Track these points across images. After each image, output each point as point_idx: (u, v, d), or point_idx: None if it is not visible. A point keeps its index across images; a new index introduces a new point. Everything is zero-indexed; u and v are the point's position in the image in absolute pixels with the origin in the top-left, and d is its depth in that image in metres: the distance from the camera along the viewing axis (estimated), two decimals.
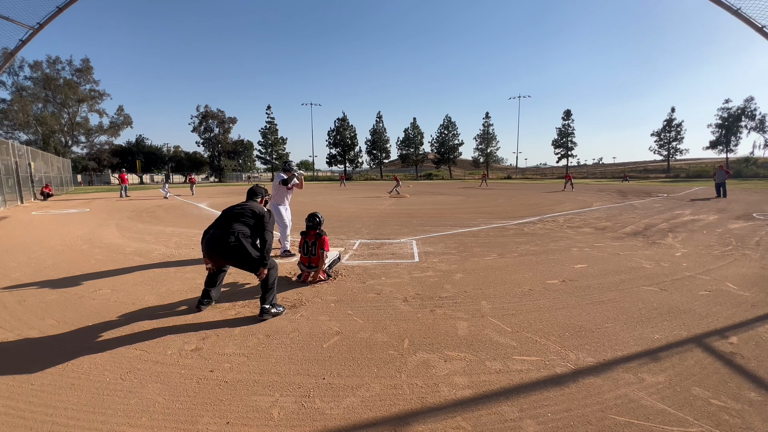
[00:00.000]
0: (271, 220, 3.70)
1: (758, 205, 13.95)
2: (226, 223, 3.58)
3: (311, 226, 4.63)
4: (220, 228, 3.54)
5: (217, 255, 3.51)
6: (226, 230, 3.50)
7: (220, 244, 3.45)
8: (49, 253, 6.58)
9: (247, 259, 3.47)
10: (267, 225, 3.63)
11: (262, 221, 3.63)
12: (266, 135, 69.63)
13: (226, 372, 2.61)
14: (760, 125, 52.73)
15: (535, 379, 2.50)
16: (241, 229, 3.53)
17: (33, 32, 7.25)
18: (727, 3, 5.44)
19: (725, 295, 4.12)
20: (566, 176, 27.11)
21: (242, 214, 3.64)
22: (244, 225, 3.58)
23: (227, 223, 3.57)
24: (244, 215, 3.63)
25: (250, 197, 4.02)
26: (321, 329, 3.31)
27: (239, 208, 3.70)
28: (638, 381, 2.45)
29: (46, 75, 48.47)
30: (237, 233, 3.48)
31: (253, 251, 3.49)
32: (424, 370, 2.62)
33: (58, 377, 2.57)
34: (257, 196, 4.06)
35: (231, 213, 3.66)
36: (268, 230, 3.64)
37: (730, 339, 3.05)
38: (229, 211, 3.70)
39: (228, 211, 3.72)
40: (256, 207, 3.74)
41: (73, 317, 3.64)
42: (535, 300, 3.99)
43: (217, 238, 3.48)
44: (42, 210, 14.91)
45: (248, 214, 3.64)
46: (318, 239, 4.55)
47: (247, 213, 3.65)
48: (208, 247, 3.52)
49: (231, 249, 3.44)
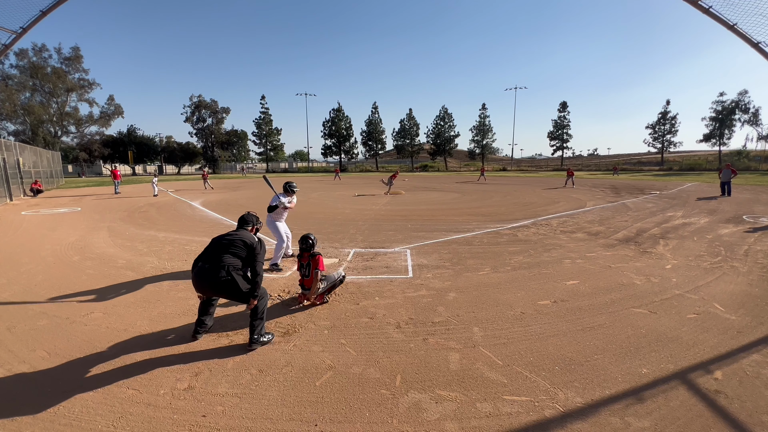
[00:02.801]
0: (262, 251, 3.66)
1: (749, 205, 14.12)
2: (215, 255, 3.53)
3: (304, 248, 4.61)
4: (210, 261, 3.49)
5: (207, 288, 3.49)
6: (216, 264, 3.46)
7: (210, 278, 3.42)
8: (40, 265, 6.51)
9: (238, 293, 3.46)
10: (258, 256, 3.59)
11: (253, 252, 3.59)
12: (260, 125, 68.82)
13: (218, 417, 2.63)
14: (753, 118, 53.02)
15: (524, 424, 2.55)
16: (232, 262, 3.50)
17: (16, 36, 7.02)
18: (723, 18, 5.40)
19: (712, 319, 4.19)
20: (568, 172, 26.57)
21: (232, 244, 3.60)
22: (235, 256, 3.54)
23: (217, 255, 3.52)
24: (234, 245, 3.59)
25: (241, 226, 3.95)
26: (314, 363, 3.32)
27: (229, 238, 3.65)
28: (624, 426, 2.51)
29: (32, 63, 47.18)
30: (228, 267, 3.45)
31: (243, 284, 3.47)
32: (415, 414, 2.65)
33: (49, 424, 2.56)
34: (248, 225, 3.97)
35: (220, 243, 3.62)
36: (259, 261, 3.61)
37: (715, 374, 3.11)
38: (218, 241, 3.66)
39: (218, 240, 3.67)
40: (247, 237, 3.68)
41: (65, 348, 3.62)
42: (527, 326, 4.04)
43: (207, 272, 3.44)
44: (32, 209, 14.70)
45: (239, 245, 3.59)
46: (312, 259, 4.54)
47: (238, 244, 3.60)
48: (198, 280, 3.48)
49: (221, 283, 3.42)
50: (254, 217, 4.08)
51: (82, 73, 51.83)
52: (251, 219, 4.03)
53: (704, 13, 5.75)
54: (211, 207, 15.38)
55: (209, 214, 13.19)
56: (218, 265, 3.44)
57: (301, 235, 4.71)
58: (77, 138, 55.36)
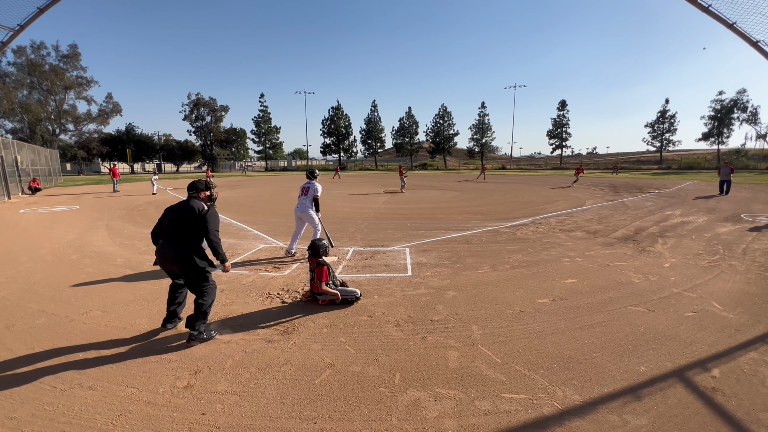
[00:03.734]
0: (213, 220, 3.64)
1: (747, 204, 14.16)
2: (171, 230, 3.62)
3: (311, 254, 4.60)
4: (169, 238, 3.62)
5: (172, 263, 3.63)
6: (173, 240, 3.59)
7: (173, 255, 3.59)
8: (38, 264, 6.50)
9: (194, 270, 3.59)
10: (209, 225, 3.59)
11: (204, 222, 3.58)
12: (259, 123, 68.76)
13: (218, 415, 2.63)
14: (752, 117, 53.10)
15: (522, 421, 2.56)
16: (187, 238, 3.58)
17: (14, 34, 6.99)
18: (723, 17, 5.40)
19: (710, 317, 4.21)
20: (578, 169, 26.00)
21: (184, 216, 3.61)
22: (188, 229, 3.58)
23: (173, 230, 3.61)
24: (185, 217, 3.60)
25: (190, 193, 3.83)
26: (313, 361, 3.33)
27: (180, 210, 3.66)
28: (622, 424, 2.52)
29: (30, 61, 46.97)
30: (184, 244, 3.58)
31: (199, 261, 3.60)
32: (414, 411, 2.66)
33: (48, 422, 2.57)
34: (196, 191, 3.83)
35: (174, 218, 3.65)
36: (212, 230, 3.60)
37: (712, 372, 3.13)
38: (172, 213, 3.69)
39: (171, 212, 3.71)
40: (196, 205, 3.65)
41: (63, 346, 3.61)
42: (525, 324, 4.05)
43: (168, 250, 3.60)
44: (30, 207, 14.67)
45: (188, 215, 3.60)
46: (317, 268, 4.50)
47: (188, 214, 3.60)
48: (159, 257, 3.67)
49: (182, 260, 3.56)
50: (203, 183, 3.92)
51: (80, 71, 51.66)
52: (200, 185, 3.88)
53: (703, 11, 5.75)
54: None
55: None
56: (175, 242, 3.58)
57: (311, 241, 4.70)
58: (75, 136, 55.21)
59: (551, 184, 27.18)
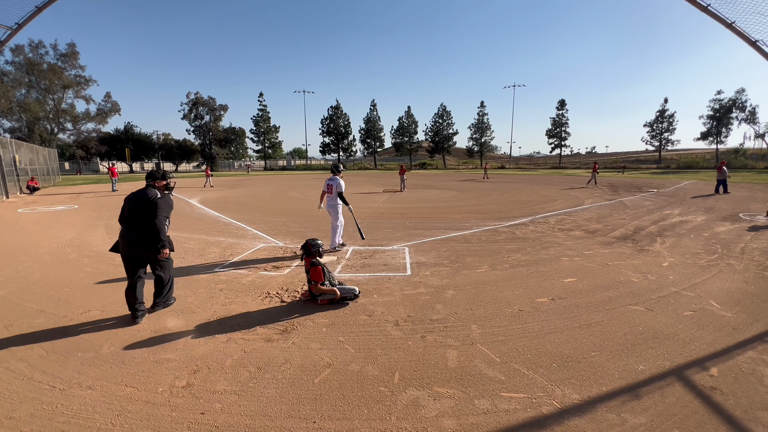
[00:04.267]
0: (164, 207, 4.01)
1: (745, 203, 14.20)
2: (131, 217, 4.02)
3: (304, 254, 4.58)
4: (129, 225, 4.02)
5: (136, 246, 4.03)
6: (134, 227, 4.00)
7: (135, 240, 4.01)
8: (37, 263, 6.49)
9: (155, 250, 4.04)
10: (159, 211, 3.94)
11: (154, 208, 3.95)
12: (258, 123, 68.69)
13: (217, 414, 2.63)
14: (750, 117, 53.18)
15: (522, 420, 2.56)
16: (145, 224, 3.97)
17: (12, 32, 6.97)
18: (722, 16, 5.40)
19: (708, 316, 4.22)
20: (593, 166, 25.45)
21: (140, 204, 4.01)
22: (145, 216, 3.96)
23: (132, 218, 4.01)
24: (141, 204, 4.00)
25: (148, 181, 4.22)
26: (312, 360, 3.33)
27: (137, 198, 4.06)
28: (621, 422, 2.52)
29: (28, 59, 46.78)
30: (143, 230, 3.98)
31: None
32: (413, 410, 2.66)
33: (47, 422, 2.56)
34: (153, 179, 4.20)
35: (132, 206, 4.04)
36: (159, 216, 3.93)
37: (710, 371, 3.13)
38: (130, 201, 4.08)
39: (129, 200, 4.10)
40: (150, 193, 4.04)
41: (63, 345, 3.61)
42: (525, 323, 4.06)
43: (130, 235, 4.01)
44: (29, 206, 14.64)
45: (143, 203, 3.99)
46: (312, 268, 4.49)
47: (143, 201, 4.00)
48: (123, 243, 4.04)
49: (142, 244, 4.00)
50: (159, 172, 4.28)
51: (79, 70, 51.37)
52: (155, 174, 4.24)
53: (703, 11, 5.76)
54: (209, 205, 15.34)
55: (207, 212, 13.15)
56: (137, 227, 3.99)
57: (306, 240, 4.67)
58: (74, 135, 54.98)
59: (554, 184, 27.17)
